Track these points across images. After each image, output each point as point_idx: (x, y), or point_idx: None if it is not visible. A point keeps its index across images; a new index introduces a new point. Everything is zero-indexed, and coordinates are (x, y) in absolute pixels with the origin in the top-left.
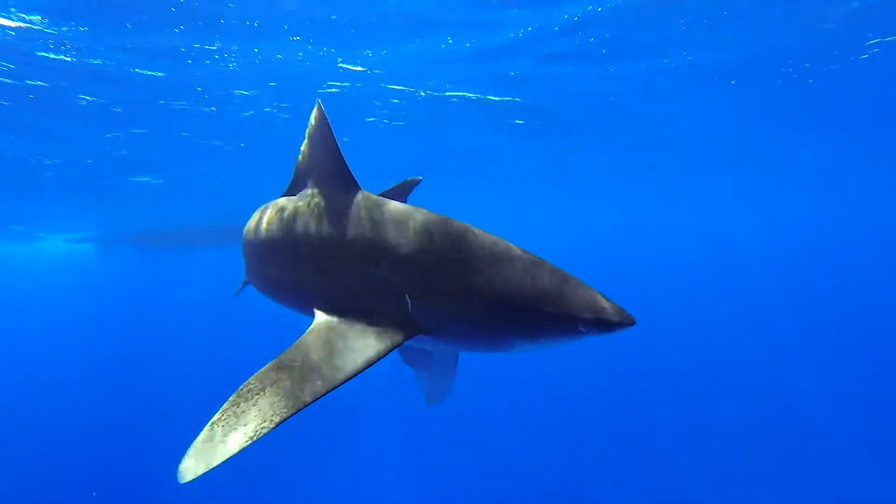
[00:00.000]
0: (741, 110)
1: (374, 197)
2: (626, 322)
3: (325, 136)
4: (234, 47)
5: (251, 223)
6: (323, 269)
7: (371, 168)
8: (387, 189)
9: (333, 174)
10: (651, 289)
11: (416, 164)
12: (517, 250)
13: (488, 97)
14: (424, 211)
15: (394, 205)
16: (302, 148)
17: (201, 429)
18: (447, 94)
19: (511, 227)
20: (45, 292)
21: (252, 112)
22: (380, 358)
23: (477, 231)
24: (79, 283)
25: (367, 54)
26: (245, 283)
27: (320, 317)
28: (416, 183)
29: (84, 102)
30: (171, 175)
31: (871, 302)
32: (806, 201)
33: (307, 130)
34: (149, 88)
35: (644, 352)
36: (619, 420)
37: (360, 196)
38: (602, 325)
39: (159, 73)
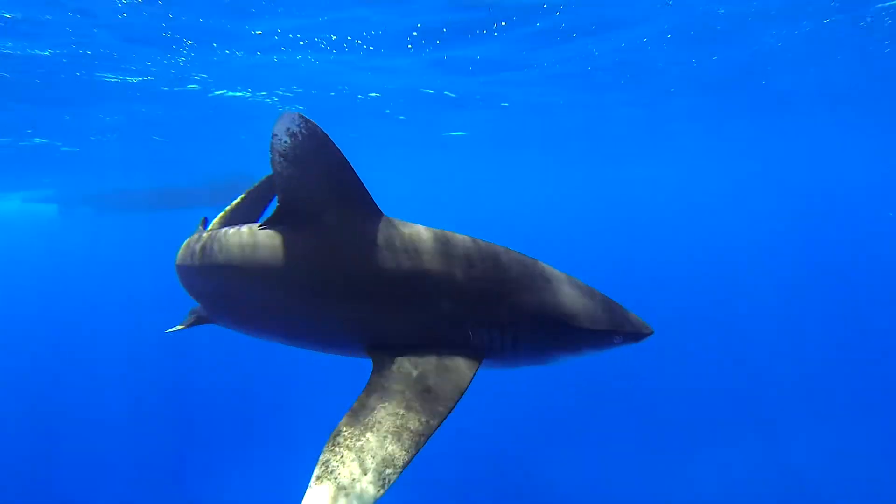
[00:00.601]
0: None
1: (405, 223)
2: (649, 332)
3: (333, 156)
4: (189, 41)
5: (216, 254)
6: (374, 307)
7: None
8: (259, 182)
9: (356, 200)
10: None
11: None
12: (550, 269)
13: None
14: (457, 235)
15: (429, 231)
16: (279, 170)
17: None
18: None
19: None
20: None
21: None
22: (464, 392)
23: (512, 252)
24: (39, 245)
25: (339, 41)
26: (196, 321)
27: (389, 356)
28: None
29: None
30: (123, 137)
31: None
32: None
33: (284, 148)
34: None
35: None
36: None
37: (393, 223)
38: (635, 337)
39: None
